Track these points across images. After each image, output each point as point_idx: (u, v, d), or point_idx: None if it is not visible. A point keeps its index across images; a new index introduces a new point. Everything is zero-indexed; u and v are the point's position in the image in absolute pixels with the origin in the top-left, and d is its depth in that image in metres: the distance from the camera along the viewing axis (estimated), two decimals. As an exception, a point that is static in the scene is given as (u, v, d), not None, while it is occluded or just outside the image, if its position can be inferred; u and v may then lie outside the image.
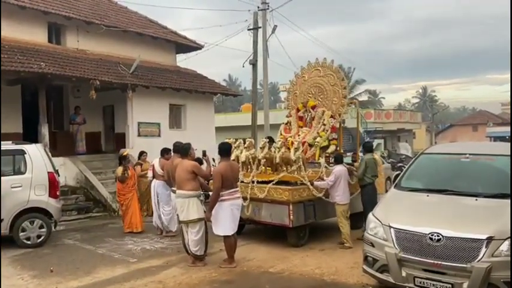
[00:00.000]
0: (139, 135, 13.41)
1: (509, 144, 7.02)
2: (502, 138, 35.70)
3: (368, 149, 8.27)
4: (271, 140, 8.21)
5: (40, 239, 7.64)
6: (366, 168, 7.77)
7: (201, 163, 7.64)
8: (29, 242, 7.52)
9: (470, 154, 5.43)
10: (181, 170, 6.29)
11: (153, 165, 8.64)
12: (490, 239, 4.10)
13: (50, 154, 8.39)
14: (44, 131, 11.37)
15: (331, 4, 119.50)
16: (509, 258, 4.04)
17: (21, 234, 7.49)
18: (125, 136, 13.28)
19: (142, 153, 10.29)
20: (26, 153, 7.68)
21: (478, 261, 4.07)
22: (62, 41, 13.35)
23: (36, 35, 12.45)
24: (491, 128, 42.84)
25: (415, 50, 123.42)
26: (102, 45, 13.86)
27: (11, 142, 7.89)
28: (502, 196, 4.73)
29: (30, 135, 11.12)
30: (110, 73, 12.59)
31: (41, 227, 7.68)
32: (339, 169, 7.43)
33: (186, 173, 6.24)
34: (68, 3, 13.55)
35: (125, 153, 9.22)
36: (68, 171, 11.63)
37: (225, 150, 6.34)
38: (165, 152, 8.48)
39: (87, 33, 13.53)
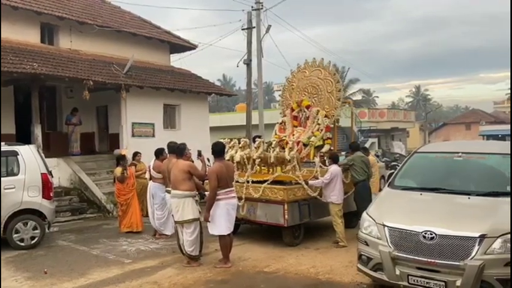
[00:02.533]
0: (133, 135, 13.36)
1: (501, 142, 7.11)
2: (494, 137, 35.94)
3: (354, 148, 8.44)
4: (253, 140, 8.24)
5: (34, 241, 7.60)
6: (351, 165, 7.94)
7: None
8: (22, 244, 7.47)
9: (463, 153, 5.48)
10: (177, 170, 6.28)
11: (149, 167, 8.55)
12: (482, 237, 4.14)
13: (43, 155, 8.34)
14: (37, 131, 11.31)
15: (326, 4, 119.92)
16: (502, 256, 4.08)
17: (15, 235, 7.44)
18: (119, 136, 13.24)
19: (136, 154, 10.24)
20: (18, 154, 7.62)
21: (471, 259, 4.10)
22: (55, 41, 13.28)
23: (28, 36, 12.38)
24: (484, 126, 43.12)
25: (409, 49, 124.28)
26: (95, 45, 13.80)
27: (3, 143, 7.82)
28: (494, 194, 4.78)
29: (23, 136, 11.05)
30: (104, 73, 12.54)
31: (35, 228, 7.63)
32: (335, 168, 7.47)
33: (182, 173, 6.23)
34: (60, 4, 13.48)
35: (123, 153, 9.17)
36: (62, 172, 11.57)
37: (218, 150, 6.34)
38: (159, 153, 8.35)
39: (80, 34, 13.47)
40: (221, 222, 6.08)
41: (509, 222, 4.22)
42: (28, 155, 7.72)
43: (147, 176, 8.82)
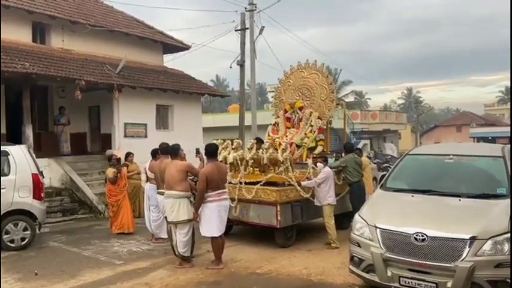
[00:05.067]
0: (125, 136, 13.29)
1: (491, 145, 7.19)
2: (485, 139, 36.36)
3: (348, 149, 8.51)
4: (259, 141, 8.24)
5: (24, 242, 7.52)
6: (344, 166, 8.00)
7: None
8: (12, 245, 7.39)
9: (453, 155, 5.53)
10: (174, 171, 6.24)
11: (145, 168, 8.27)
12: (473, 239, 4.18)
13: (34, 155, 8.26)
14: (28, 131, 11.22)
15: (319, 6, 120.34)
16: (492, 258, 4.13)
17: (5, 236, 7.35)
18: (111, 137, 13.16)
19: (129, 154, 10.19)
20: (9, 154, 7.55)
21: (462, 260, 4.14)
22: (47, 41, 13.17)
23: (20, 35, 12.26)
24: (474, 128, 43.58)
25: (402, 51, 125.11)
26: (87, 45, 13.70)
27: (-6, 143, 7.75)
28: (484, 196, 4.84)
29: (14, 136, 10.94)
30: (96, 73, 12.46)
31: (25, 229, 7.55)
32: (328, 169, 7.52)
33: (180, 173, 6.20)
34: (52, 3, 13.36)
35: (117, 156, 9.06)
36: (53, 172, 11.47)
37: (211, 151, 6.33)
38: (156, 153, 7.97)
39: (73, 33, 13.38)
40: (213, 224, 6.06)
41: (499, 225, 4.28)
42: (19, 155, 7.64)
43: (143, 177, 8.64)
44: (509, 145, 5.81)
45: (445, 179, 5.39)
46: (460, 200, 4.83)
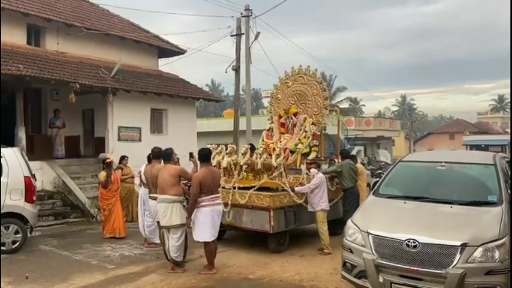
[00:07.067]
0: (119, 139, 13.25)
1: (483, 152, 7.25)
2: (477, 147, 36.71)
3: (345, 155, 8.57)
4: (251, 148, 8.26)
5: (15, 245, 7.46)
6: (340, 171, 8.04)
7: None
8: (3, 248, 7.32)
9: (446, 162, 5.59)
10: (167, 175, 6.24)
11: (140, 172, 8.18)
12: (464, 246, 4.21)
13: (26, 158, 8.21)
14: (21, 134, 11.16)
15: (315, 13, 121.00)
16: (482, 265, 4.16)
17: (-4, 239, 7.31)
18: (105, 140, 13.12)
19: (123, 158, 10.16)
20: (1, 157, 7.50)
21: (453, 267, 4.16)
22: (42, 43, 13.13)
23: (14, 37, 12.22)
24: (467, 136, 43.95)
25: (396, 59, 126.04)
26: (82, 48, 13.69)
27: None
28: (475, 204, 4.88)
29: (7, 139, 10.86)
30: (91, 76, 12.44)
31: (17, 232, 7.49)
32: (322, 175, 7.55)
33: (173, 177, 6.20)
34: (48, 5, 13.35)
35: (108, 161, 9.00)
36: (45, 175, 11.39)
37: (204, 155, 6.34)
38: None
39: (68, 36, 13.36)
40: (206, 229, 6.05)
41: (489, 232, 4.33)
42: (11, 158, 7.59)
43: (137, 182, 8.56)
44: (501, 153, 5.87)
45: (437, 186, 5.43)
46: (451, 207, 4.86)
